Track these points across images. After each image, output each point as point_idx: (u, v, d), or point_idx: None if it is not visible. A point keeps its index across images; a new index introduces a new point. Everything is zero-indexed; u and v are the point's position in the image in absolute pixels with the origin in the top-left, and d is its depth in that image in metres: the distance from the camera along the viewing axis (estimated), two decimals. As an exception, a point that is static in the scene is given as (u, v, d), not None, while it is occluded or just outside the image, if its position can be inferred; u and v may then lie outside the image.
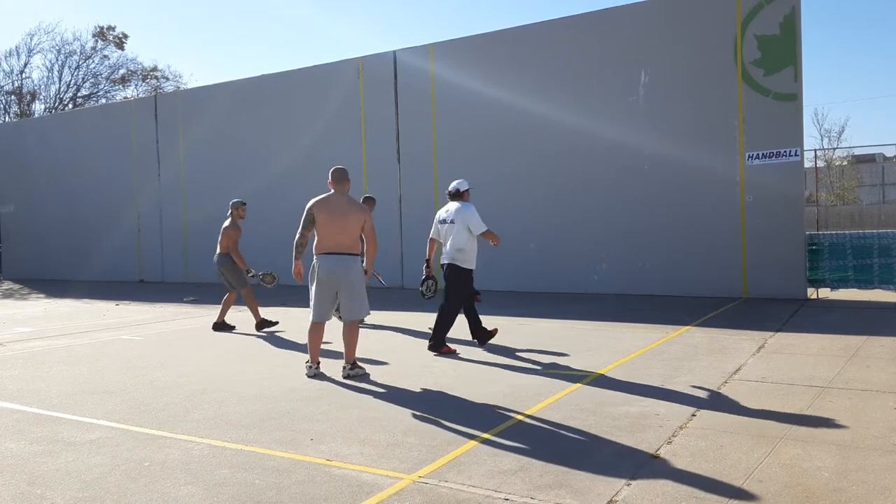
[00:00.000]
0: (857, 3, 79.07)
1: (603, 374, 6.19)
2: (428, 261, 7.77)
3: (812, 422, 4.63)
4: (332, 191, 6.42)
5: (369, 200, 9.65)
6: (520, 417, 4.89)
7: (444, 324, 7.45)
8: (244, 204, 9.87)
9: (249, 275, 9.56)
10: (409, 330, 9.19)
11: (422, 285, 7.82)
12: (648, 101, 12.37)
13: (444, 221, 7.61)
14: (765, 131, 11.40)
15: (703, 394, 5.41)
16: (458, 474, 3.83)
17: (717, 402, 5.19)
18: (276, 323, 9.58)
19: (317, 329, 6.43)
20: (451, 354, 7.30)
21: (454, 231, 7.46)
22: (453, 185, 7.70)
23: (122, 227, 19.61)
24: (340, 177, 6.44)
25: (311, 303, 6.36)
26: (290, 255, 6.47)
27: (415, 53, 14.79)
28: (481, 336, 7.76)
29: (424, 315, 10.52)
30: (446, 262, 7.54)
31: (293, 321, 9.99)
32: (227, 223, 9.65)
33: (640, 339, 7.96)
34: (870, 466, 3.80)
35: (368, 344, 8.17)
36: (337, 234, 6.26)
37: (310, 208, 6.30)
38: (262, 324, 9.44)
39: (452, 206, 7.58)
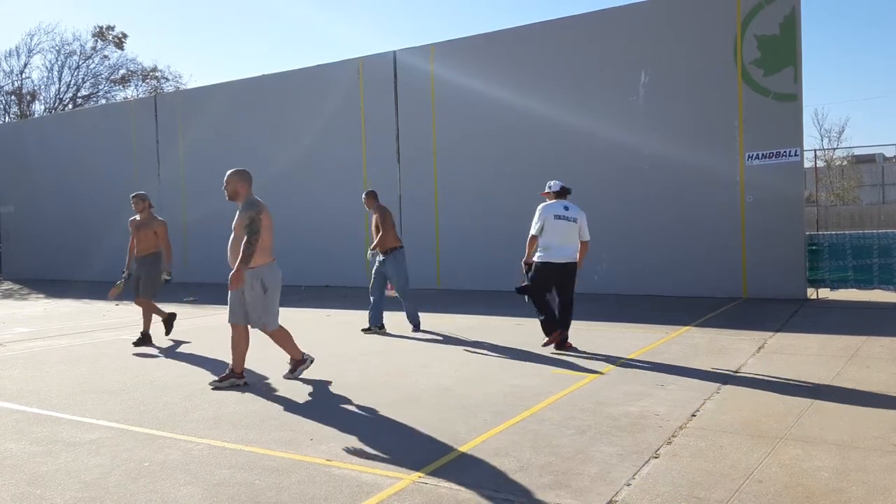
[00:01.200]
0: (857, 3, 79.09)
1: (603, 375, 6.19)
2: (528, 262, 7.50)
3: (812, 422, 4.63)
4: (244, 194, 6.06)
5: (372, 194, 9.24)
6: (520, 418, 4.89)
7: (569, 316, 7.44)
8: (134, 196, 8.92)
9: (123, 275, 8.79)
10: (408, 330, 9.17)
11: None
12: (648, 101, 12.37)
13: (565, 218, 7.28)
14: (765, 131, 11.40)
15: (702, 394, 5.41)
16: (458, 474, 3.83)
17: (717, 402, 5.19)
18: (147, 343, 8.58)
19: (286, 331, 6.31)
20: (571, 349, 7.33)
21: (576, 230, 7.31)
22: (558, 182, 7.50)
23: (122, 227, 19.39)
24: (251, 178, 6.16)
25: (274, 309, 6.12)
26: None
27: (415, 53, 14.79)
28: (554, 336, 7.40)
29: (423, 315, 10.51)
30: (567, 261, 7.28)
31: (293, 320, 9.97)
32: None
33: (639, 339, 7.96)
34: (870, 466, 3.80)
35: (369, 344, 8.17)
36: (271, 239, 6.10)
37: (262, 214, 5.93)
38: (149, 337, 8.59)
39: (570, 204, 7.38)
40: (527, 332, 8.73)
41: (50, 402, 5.73)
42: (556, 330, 7.34)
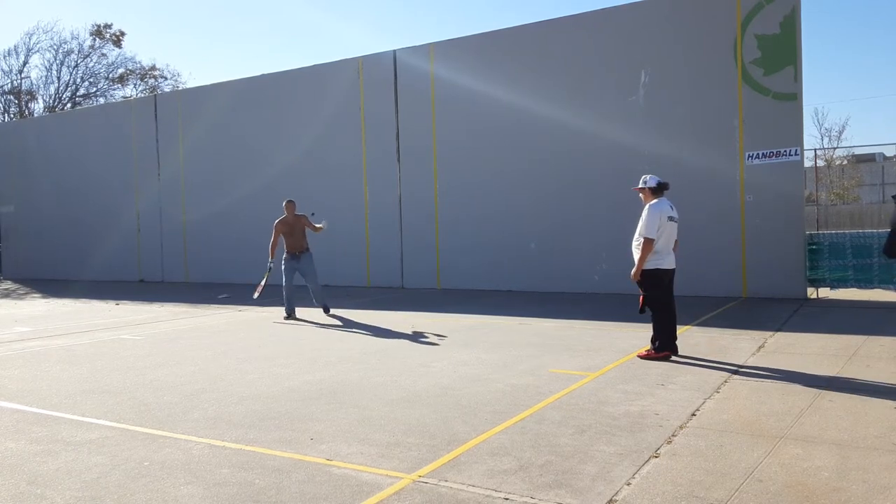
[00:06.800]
0: (857, 3, 79.06)
1: (603, 374, 6.19)
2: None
3: (812, 421, 4.63)
4: None
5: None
6: (520, 417, 4.89)
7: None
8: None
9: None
10: (408, 329, 9.18)
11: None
12: (648, 101, 12.37)
13: (673, 219, 6.75)
14: (765, 131, 11.40)
15: (702, 393, 5.42)
16: (458, 474, 3.83)
17: (717, 401, 5.19)
18: None
19: None
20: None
21: (675, 231, 6.77)
22: (654, 178, 6.86)
23: (122, 227, 19.61)
24: None
25: None
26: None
27: (415, 53, 14.79)
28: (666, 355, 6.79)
29: (423, 315, 10.51)
30: (674, 267, 6.75)
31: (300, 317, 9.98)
32: None
33: (639, 338, 7.95)
34: (869, 466, 3.80)
35: (368, 343, 8.17)
36: None
37: None
38: None
39: (671, 202, 6.81)
40: (528, 331, 8.73)
41: (50, 401, 5.74)
42: (672, 349, 6.73)
